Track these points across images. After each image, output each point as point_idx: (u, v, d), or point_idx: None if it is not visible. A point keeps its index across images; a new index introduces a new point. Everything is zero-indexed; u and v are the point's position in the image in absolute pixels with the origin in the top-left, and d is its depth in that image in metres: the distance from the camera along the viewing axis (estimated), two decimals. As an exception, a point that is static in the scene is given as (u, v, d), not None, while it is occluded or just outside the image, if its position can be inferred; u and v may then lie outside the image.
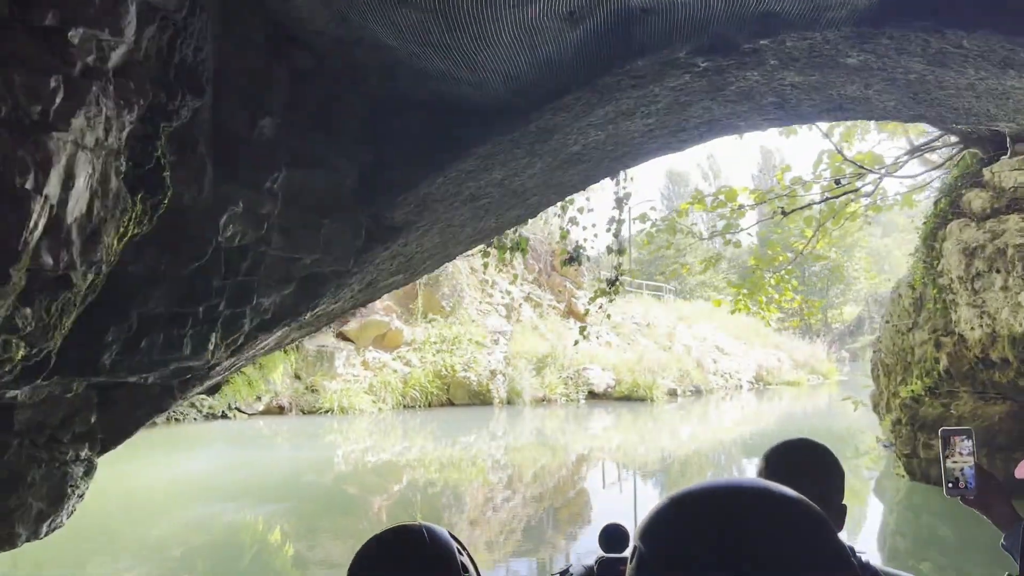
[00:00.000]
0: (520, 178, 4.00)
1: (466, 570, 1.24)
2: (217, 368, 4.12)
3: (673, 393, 20.64)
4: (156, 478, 10.96)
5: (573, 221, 6.35)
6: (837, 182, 7.27)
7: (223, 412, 15.41)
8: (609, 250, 5.94)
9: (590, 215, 6.34)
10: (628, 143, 4.03)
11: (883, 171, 7.24)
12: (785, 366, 27.54)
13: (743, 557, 0.69)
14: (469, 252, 7.88)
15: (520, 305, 21.98)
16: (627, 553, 0.96)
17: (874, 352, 10.35)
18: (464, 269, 20.59)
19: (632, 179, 5.69)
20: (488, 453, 14.98)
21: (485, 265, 6.59)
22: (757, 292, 10.34)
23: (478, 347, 17.90)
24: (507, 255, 6.58)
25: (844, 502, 1.64)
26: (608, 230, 5.84)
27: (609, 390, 19.66)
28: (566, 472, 13.04)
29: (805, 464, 1.63)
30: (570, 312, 24.41)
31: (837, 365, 32.26)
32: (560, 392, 19.01)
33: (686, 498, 0.76)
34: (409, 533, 1.26)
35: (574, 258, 6.06)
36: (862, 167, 6.92)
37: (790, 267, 9.60)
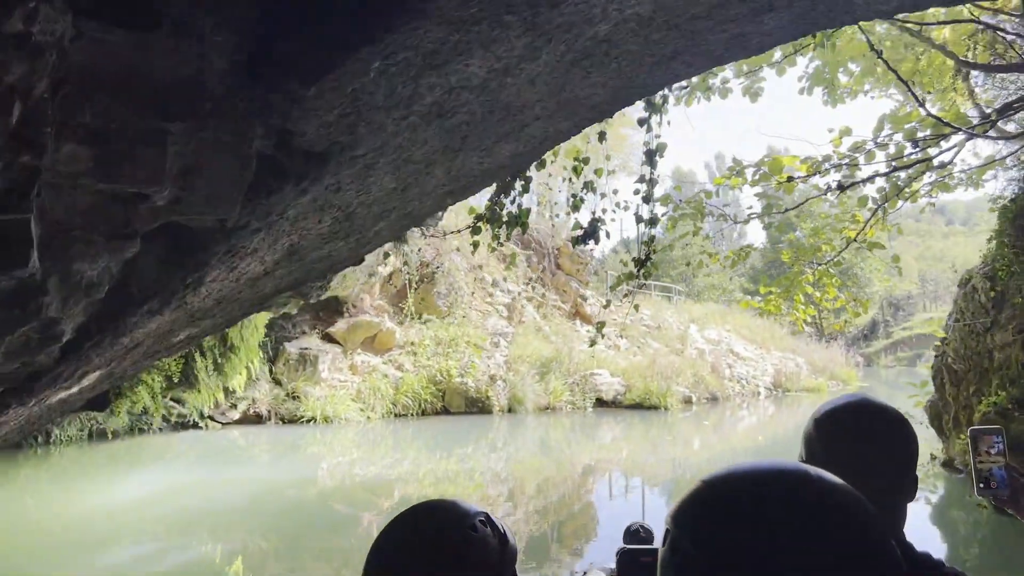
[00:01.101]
0: (515, 80, 2.50)
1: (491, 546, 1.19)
2: (68, 373, 2.72)
3: (688, 400, 19.15)
4: (104, 502, 9.49)
5: (589, 186, 4.90)
6: (915, 143, 5.80)
7: (194, 421, 13.96)
8: (638, 219, 4.49)
9: (611, 179, 4.88)
10: (685, 29, 2.56)
11: (970, 131, 5.79)
12: (803, 371, 26.03)
13: (777, 547, 0.68)
14: (455, 229, 6.44)
15: (523, 305, 20.52)
16: (654, 544, 1.12)
17: (936, 356, 8.87)
18: (463, 266, 19.15)
19: (669, 123, 4.28)
20: (487, 465, 13.66)
21: (475, 245, 5.09)
22: (793, 290, 8.89)
23: (476, 350, 16.43)
24: (502, 231, 5.12)
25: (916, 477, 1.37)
26: (637, 193, 4.40)
27: (619, 397, 18.18)
28: (571, 485, 11.79)
29: (865, 429, 1.34)
30: (576, 313, 22.97)
31: (856, 370, 30.76)
32: (565, 399, 17.54)
33: (721, 481, 0.75)
34: (434, 507, 1.24)
35: (590, 234, 4.61)
36: (948, 125, 5.46)
37: (838, 259, 8.12)
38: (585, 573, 1.59)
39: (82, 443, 12.89)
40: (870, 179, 6.67)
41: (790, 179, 6.55)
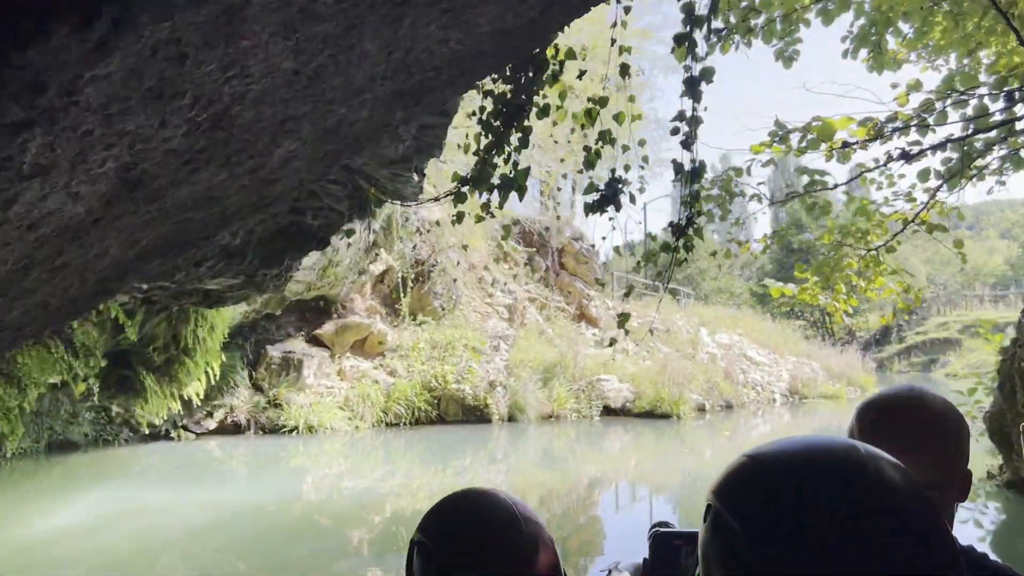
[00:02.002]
0: None
1: (528, 534, 1.19)
2: None
3: (701, 408, 17.93)
4: (58, 524, 8.32)
5: (607, 137, 3.73)
6: (1008, 96, 4.63)
7: (166, 431, 12.81)
8: (678, 171, 3.32)
9: (634, 130, 3.71)
10: None
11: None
12: (820, 377, 24.80)
13: (825, 524, 0.66)
14: (434, 196, 5.25)
15: (525, 307, 19.33)
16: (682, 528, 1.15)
17: (1003, 360, 7.66)
18: (461, 264, 17.98)
19: (718, 37, 3.13)
20: (486, 478, 12.58)
21: (459, 217, 3.90)
22: (834, 278, 7.73)
23: (474, 355, 15.24)
24: (493, 198, 3.95)
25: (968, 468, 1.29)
26: (676, 134, 3.22)
27: (628, 405, 16.97)
28: (576, 498, 10.78)
29: (913, 423, 1.26)
30: (581, 315, 21.78)
31: (874, 375, 29.54)
32: (570, 407, 16.33)
33: (766, 455, 0.74)
34: (481, 494, 1.26)
35: (608, 198, 3.46)
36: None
37: (894, 242, 6.94)
38: (610, 571, 1.46)
39: (38, 456, 11.74)
40: (940, 145, 5.49)
41: (845, 145, 5.39)
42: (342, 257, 9.67)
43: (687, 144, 3.17)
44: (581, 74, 3.72)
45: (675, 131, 3.21)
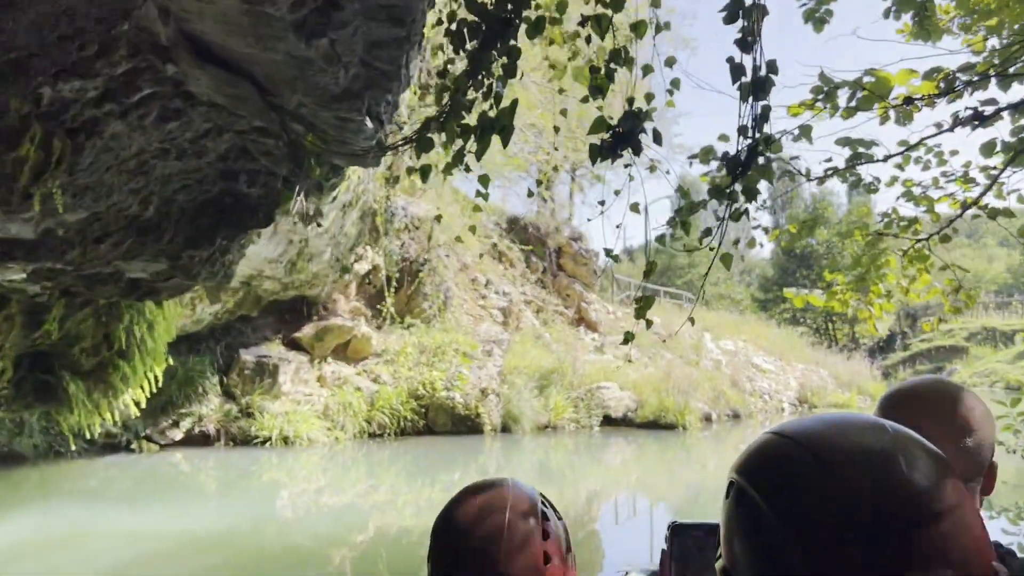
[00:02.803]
0: None
1: (547, 518, 1.18)
2: None
3: (708, 418, 16.85)
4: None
5: (622, 56, 2.68)
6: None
7: (126, 442, 11.73)
8: (736, 77, 2.25)
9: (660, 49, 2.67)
10: None
11: None
12: (829, 385, 23.75)
13: (849, 499, 0.66)
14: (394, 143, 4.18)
15: (520, 310, 18.25)
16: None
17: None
18: (452, 264, 16.90)
19: None
20: None
21: (422, 174, 2.79)
22: (871, 277, 6.66)
23: (465, 360, 14.15)
24: (469, 148, 2.90)
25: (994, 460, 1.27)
26: (731, 22, 2.17)
27: (630, 414, 15.88)
28: (574, 514, 9.96)
29: (937, 412, 1.23)
30: (580, 319, 20.70)
31: (885, 383, 28.49)
32: (568, 417, 15.25)
33: (790, 431, 0.74)
34: (497, 481, 1.28)
35: (626, 137, 2.43)
36: None
37: (949, 229, 5.87)
38: (627, 574, 1.48)
39: (-19, 469, 10.66)
40: (1019, 105, 4.44)
41: (908, 101, 4.35)
42: (315, 250, 8.59)
43: (747, 42, 2.15)
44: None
45: (731, 18, 2.17)
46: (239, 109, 3.15)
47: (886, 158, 5.22)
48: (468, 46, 2.84)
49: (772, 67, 2.32)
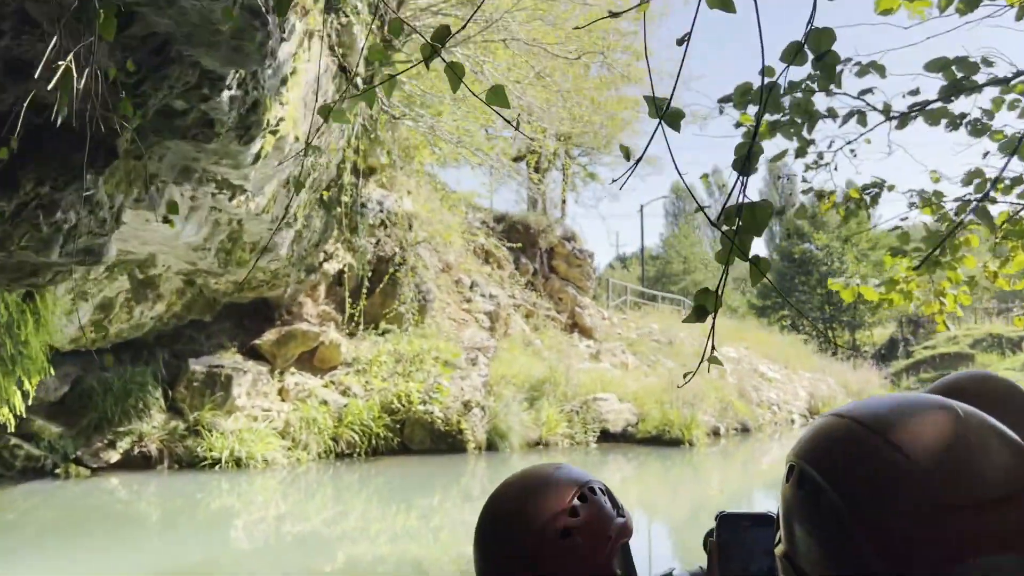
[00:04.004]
0: None
1: (585, 500, 1.17)
2: None
3: (715, 432, 15.35)
4: None
5: None
6: None
7: (52, 465, 10.17)
8: None
9: None
10: None
11: None
12: (839, 394, 22.30)
13: (914, 484, 0.65)
14: None
15: (509, 314, 16.74)
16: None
17: None
18: (433, 264, 15.39)
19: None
20: (460, 519, 10.10)
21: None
22: (952, 260, 5.20)
23: (446, 370, 12.63)
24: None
25: None
26: None
27: (630, 429, 14.37)
28: None
29: (982, 403, 0.98)
30: (574, 325, 19.19)
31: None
32: (562, 432, 13.73)
33: (853, 413, 0.72)
34: (553, 464, 1.27)
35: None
36: None
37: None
38: (671, 572, 1.41)
39: None
40: None
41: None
42: (254, 236, 7.09)
43: None
44: None
45: None
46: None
47: (1013, 79, 3.75)
48: None
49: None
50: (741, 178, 1.40)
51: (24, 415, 5.65)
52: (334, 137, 6.97)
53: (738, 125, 4.63)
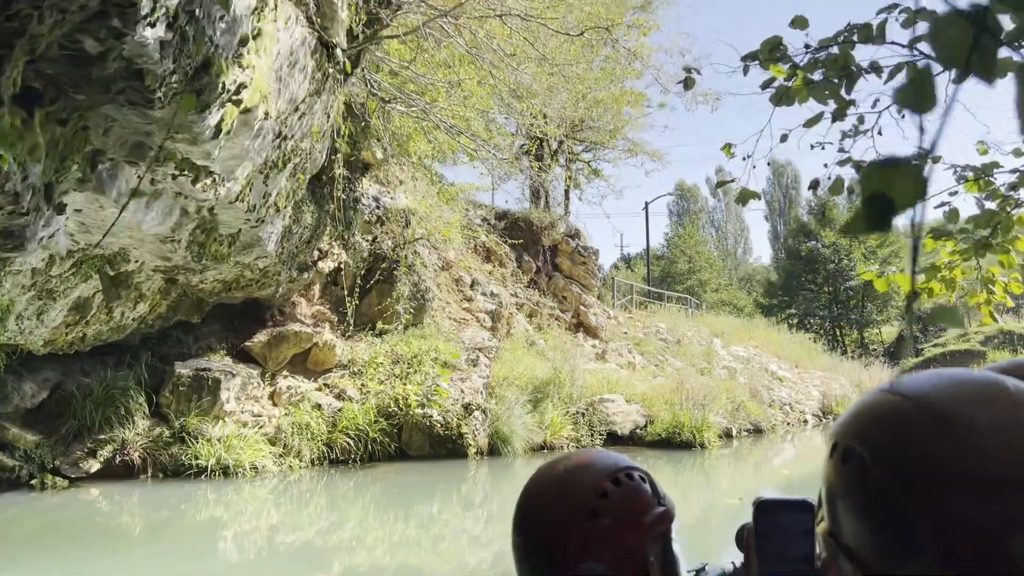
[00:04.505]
0: None
1: (620, 484, 1.17)
2: None
3: (727, 434, 14.74)
4: None
5: None
6: None
7: (27, 475, 9.62)
8: None
9: None
10: None
11: None
12: (851, 394, 21.67)
13: (964, 461, 0.64)
14: None
15: (511, 314, 16.15)
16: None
17: None
18: (432, 262, 14.82)
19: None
20: (462, 527, 9.69)
21: None
22: (1004, 241, 4.61)
23: (444, 372, 12.05)
24: None
25: None
26: None
27: (639, 431, 13.76)
28: None
29: None
30: (579, 324, 18.60)
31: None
32: (567, 436, 13.14)
33: (901, 389, 0.71)
34: (585, 451, 1.29)
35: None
36: None
37: None
38: (698, 573, 1.48)
39: None
40: None
41: None
42: (231, 227, 6.51)
43: None
44: None
45: None
46: None
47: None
48: None
49: None
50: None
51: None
52: (316, 119, 6.41)
53: (766, 84, 4.06)
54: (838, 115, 4.02)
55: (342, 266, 13.27)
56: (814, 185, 4.30)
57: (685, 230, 57.53)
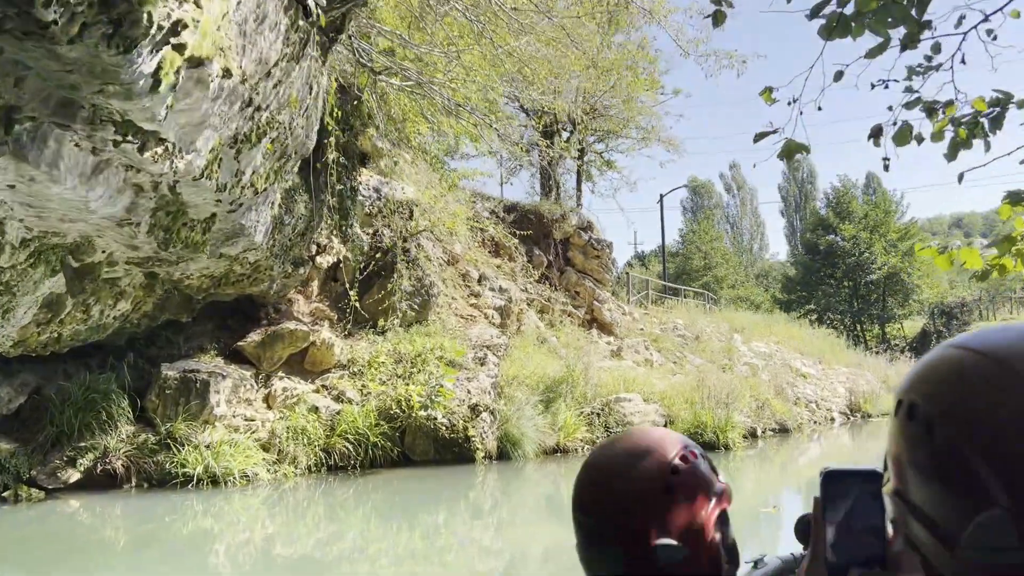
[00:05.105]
0: None
1: (687, 461, 1.16)
2: None
3: (752, 434, 13.92)
4: None
5: None
6: None
7: (2, 486, 8.97)
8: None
9: None
10: None
11: None
12: (879, 390, 20.78)
13: None
14: None
15: (522, 310, 15.39)
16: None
17: None
18: (437, 256, 14.09)
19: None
20: (470, 536, 9.02)
21: None
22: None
23: (449, 371, 11.31)
24: None
25: None
26: None
27: (658, 432, 12.93)
28: None
29: None
30: (593, 320, 17.82)
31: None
32: (581, 438, 12.38)
33: (976, 343, 0.69)
34: (644, 428, 1.28)
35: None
36: None
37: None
38: (755, 563, 1.47)
39: None
40: None
41: None
42: (201, 210, 5.79)
43: None
44: None
45: None
46: None
47: None
48: None
49: None
50: None
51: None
52: (296, 89, 5.69)
53: (816, 10, 3.29)
54: (908, 42, 3.26)
55: (342, 261, 12.58)
56: (876, 133, 3.53)
57: (700, 226, 56.52)
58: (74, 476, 9.34)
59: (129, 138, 3.96)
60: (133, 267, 7.92)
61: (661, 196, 25.82)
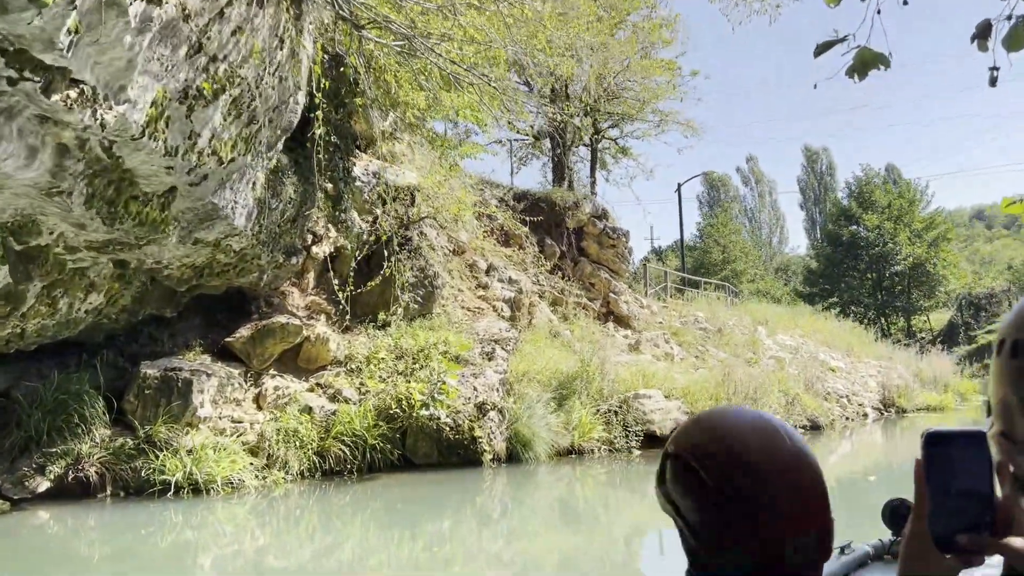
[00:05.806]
0: None
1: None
2: None
3: (783, 432, 12.95)
4: None
5: None
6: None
7: (-35, 499, 8.21)
8: None
9: None
10: None
11: None
12: (912, 384, 19.73)
13: None
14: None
15: (533, 302, 14.51)
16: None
17: None
18: (442, 245, 13.24)
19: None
20: (478, 546, 8.26)
21: None
22: None
23: (451, 367, 10.46)
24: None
25: None
26: None
27: (680, 431, 12.02)
28: (610, 570, 7.24)
29: None
30: (609, 313, 16.91)
31: (977, 381, 24.37)
32: (598, 438, 11.49)
33: None
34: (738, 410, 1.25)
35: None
36: None
37: None
38: (843, 549, 1.48)
39: None
40: None
41: None
42: (155, 182, 4.98)
43: None
44: None
45: None
46: None
47: None
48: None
49: None
50: None
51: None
52: (260, 37, 4.86)
53: None
54: None
55: (339, 251, 11.76)
56: (982, 32, 2.64)
57: (718, 219, 55.36)
58: (43, 485, 8.56)
59: (27, 74, 3.16)
60: (96, 253, 7.11)
61: (679, 185, 25.00)
